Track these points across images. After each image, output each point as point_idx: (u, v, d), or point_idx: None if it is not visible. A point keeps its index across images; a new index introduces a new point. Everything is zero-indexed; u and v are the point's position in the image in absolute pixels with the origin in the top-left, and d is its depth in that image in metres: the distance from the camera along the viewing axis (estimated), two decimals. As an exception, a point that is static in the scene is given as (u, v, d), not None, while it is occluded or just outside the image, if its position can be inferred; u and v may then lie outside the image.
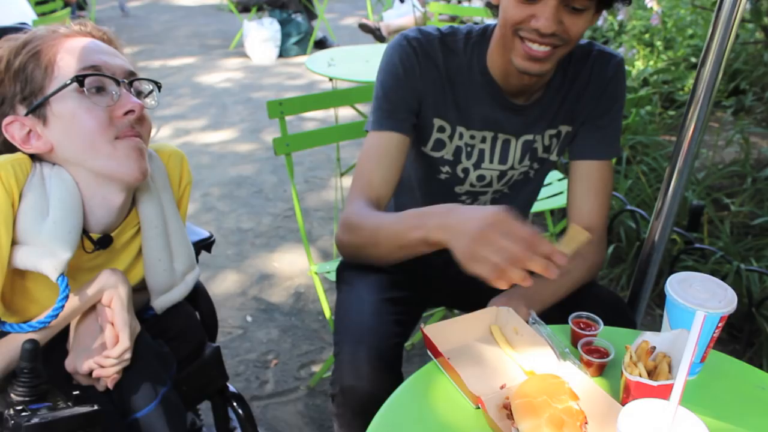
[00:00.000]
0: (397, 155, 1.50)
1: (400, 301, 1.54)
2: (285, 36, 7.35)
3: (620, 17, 5.46)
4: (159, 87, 1.33)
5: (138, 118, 1.24)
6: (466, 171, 1.57)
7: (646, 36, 5.43)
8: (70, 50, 1.22)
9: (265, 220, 3.75)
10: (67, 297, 1.17)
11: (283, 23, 7.34)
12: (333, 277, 1.85)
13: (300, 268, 3.24)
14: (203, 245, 1.64)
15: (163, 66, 7.12)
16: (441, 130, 1.52)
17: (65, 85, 1.18)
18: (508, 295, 1.34)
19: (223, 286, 3.10)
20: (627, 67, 4.83)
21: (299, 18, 7.46)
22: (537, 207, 2.54)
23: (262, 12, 7.72)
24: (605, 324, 1.24)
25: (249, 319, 2.85)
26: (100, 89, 1.20)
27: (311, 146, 2.23)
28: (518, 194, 1.67)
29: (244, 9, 7.83)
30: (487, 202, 1.65)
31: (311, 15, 7.77)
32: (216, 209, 3.87)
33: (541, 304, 1.36)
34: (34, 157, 1.23)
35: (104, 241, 1.30)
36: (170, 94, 6.04)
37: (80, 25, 1.28)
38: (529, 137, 1.54)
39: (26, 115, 1.20)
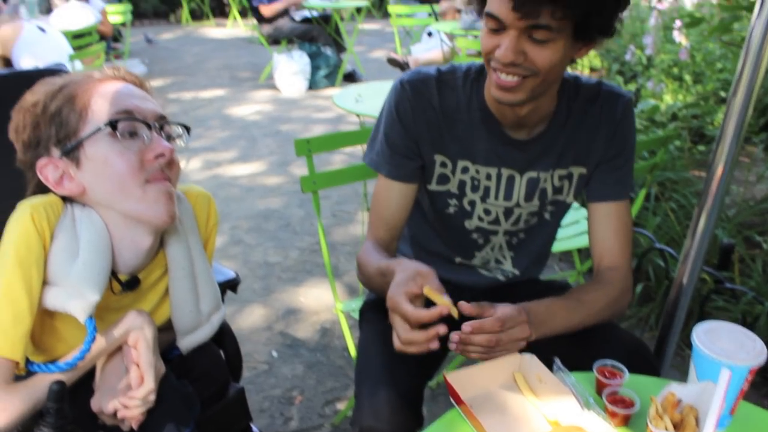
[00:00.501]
0: (402, 202, 1.57)
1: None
2: (314, 69, 7.44)
3: (648, 51, 5.45)
4: (188, 130, 1.35)
5: (168, 161, 1.26)
6: (472, 204, 1.58)
7: (675, 70, 5.41)
8: (104, 95, 1.25)
9: (292, 254, 3.77)
10: (94, 339, 1.19)
11: (313, 56, 7.42)
12: (357, 315, 1.85)
13: (326, 304, 3.24)
14: (229, 285, 1.66)
15: (195, 98, 7.23)
16: (443, 165, 1.55)
17: (99, 130, 1.21)
18: (515, 310, 1.32)
19: (249, 320, 3.11)
20: (655, 101, 4.81)
21: (328, 51, 7.55)
22: (564, 246, 2.53)
23: (292, 45, 7.82)
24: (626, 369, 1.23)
25: (275, 354, 2.86)
26: (132, 134, 1.24)
27: (338, 184, 2.24)
28: (536, 238, 1.66)
29: (275, 42, 7.94)
30: (502, 246, 1.65)
31: (340, 48, 7.86)
32: (243, 242, 3.90)
33: (550, 330, 1.37)
34: (66, 199, 1.26)
35: (132, 283, 1.32)
36: (201, 126, 6.13)
37: (113, 69, 1.33)
38: (534, 174, 1.54)
39: (60, 157, 1.24)
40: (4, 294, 1.15)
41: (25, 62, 4.57)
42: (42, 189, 1.27)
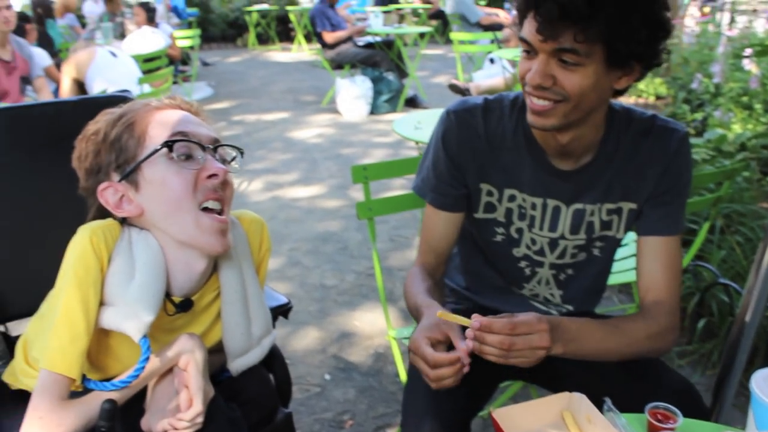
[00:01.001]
0: (448, 229, 1.59)
1: (472, 373, 1.52)
2: (376, 93, 7.51)
3: (716, 79, 5.33)
4: (242, 153, 1.40)
5: (221, 182, 1.30)
6: (520, 231, 1.57)
7: (744, 99, 5.27)
8: (161, 121, 1.31)
9: (348, 278, 3.78)
10: (148, 358, 1.22)
11: (375, 81, 7.50)
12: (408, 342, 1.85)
13: (380, 329, 3.24)
14: (281, 311, 1.67)
15: (258, 120, 7.38)
16: (489, 194, 1.55)
17: (156, 151, 1.26)
18: (534, 317, 1.26)
19: (303, 342, 3.13)
20: (723, 131, 4.68)
21: (390, 76, 7.61)
22: (624, 278, 2.47)
23: (355, 69, 7.93)
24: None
25: (327, 377, 2.87)
26: (188, 157, 1.28)
27: (394, 211, 2.25)
28: (585, 274, 1.62)
29: (338, 66, 8.06)
30: (549, 281, 1.62)
31: (402, 73, 7.91)
32: (301, 264, 3.93)
33: (580, 350, 1.34)
34: (124, 223, 1.31)
35: (185, 305, 1.35)
36: (263, 148, 6.25)
37: (170, 98, 1.39)
38: (580, 206, 1.51)
39: (120, 181, 1.29)
40: (62, 314, 1.19)
41: (97, 85, 4.75)
42: (102, 214, 1.32)
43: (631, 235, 2.75)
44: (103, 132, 1.30)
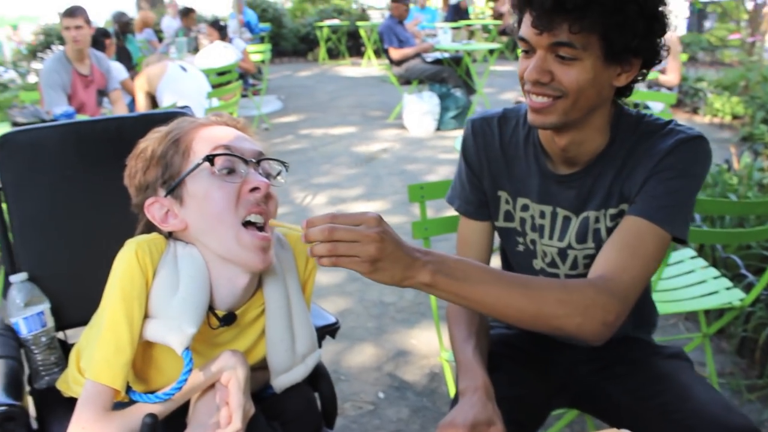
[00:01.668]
0: (479, 241, 1.60)
1: (521, 399, 1.49)
2: (443, 110, 7.51)
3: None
4: (286, 167, 1.40)
5: (264, 195, 1.30)
6: (533, 242, 1.55)
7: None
8: (205, 136, 1.33)
9: (407, 295, 3.76)
10: (190, 371, 1.23)
11: (442, 97, 7.50)
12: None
13: (437, 348, 3.17)
14: (328, 330, 1.66)
15: (325, 134, 7.46)
16: (506, 202, 1.55)
17: (198, 165, 1.28)
18: (375, 216, 1.08)
19: (359, 358, 3.12)
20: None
21: (458, 93, 7.60)
22: (689, 306, 2.38)
23: (423, 85, 7.94)
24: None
25: (381, 395, 2.84)
26: (231, 171, 1.29)
27: (450, 231, 2.22)
28: None
29: (406, 82, 8.09)
30: None
31: (470, 89, 7.88)
32: (361, 280, 3.93)
33: (468, 293, 1.15)
34: (170, 237, 1.34)
35: (228, 319, 1.35)
36: (328, 162, 6.30)
37: (216, 116, 1.40)
38: (585, 214, 1.46)
39: (165, 196, 1.31)
40: (108, 326, 1.22)
41: (167, 99, 4.89)
42: (149, 228, 1.35)
43: (696, 263, 2.65)
44: (151, 149, 1.33)
